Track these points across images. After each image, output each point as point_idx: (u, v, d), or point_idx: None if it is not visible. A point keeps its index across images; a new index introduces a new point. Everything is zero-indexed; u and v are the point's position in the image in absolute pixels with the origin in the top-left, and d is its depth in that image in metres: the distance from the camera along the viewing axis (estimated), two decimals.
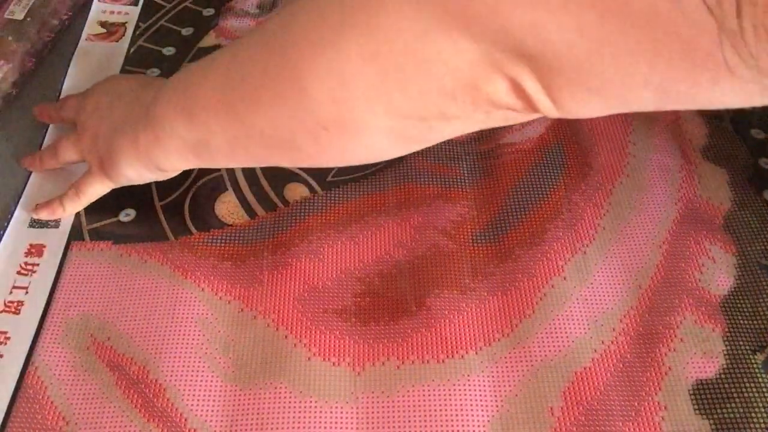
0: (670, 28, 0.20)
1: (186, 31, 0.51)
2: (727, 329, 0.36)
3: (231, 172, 0.43)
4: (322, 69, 0.26)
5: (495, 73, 0.24)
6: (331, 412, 0.33)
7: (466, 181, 0.42)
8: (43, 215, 0.40)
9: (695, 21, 0.19)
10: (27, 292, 0.37)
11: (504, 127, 0.45)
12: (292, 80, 0.27)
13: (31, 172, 0.42)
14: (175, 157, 0.34)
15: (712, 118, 0.46)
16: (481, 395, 0.34)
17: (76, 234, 0.40)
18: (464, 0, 0.22)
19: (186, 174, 0.40)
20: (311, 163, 0.32)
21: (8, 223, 0.40)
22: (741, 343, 0.36)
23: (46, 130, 0.44)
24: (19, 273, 0.38)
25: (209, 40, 0.50)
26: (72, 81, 0.47)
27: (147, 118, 0.34)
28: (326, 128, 0.28)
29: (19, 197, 0.41)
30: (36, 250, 0.39)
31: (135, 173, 0.36)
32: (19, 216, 0.40)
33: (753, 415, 0.33)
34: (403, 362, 0.35)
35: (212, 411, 0.33)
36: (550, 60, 0.22)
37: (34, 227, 0.40)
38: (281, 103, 0.28)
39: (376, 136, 0.28)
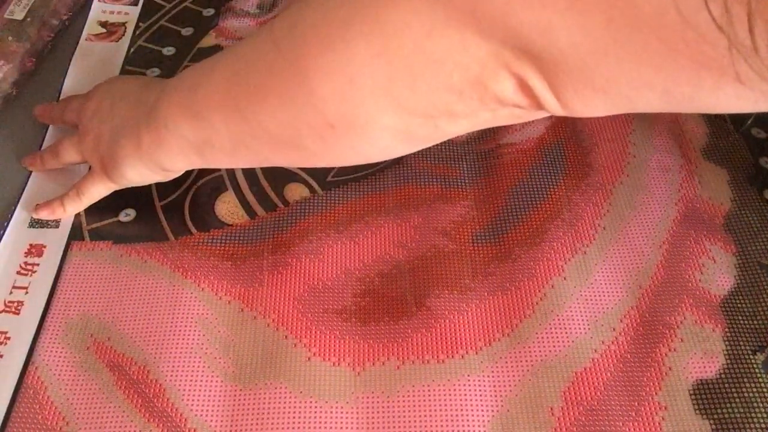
0: (678, 39, 0.20)
1: (186, 31, 0.51)
2: (727, 329, 0.36)
3: (231, 172, 0.43)
4: (329, 65, 0.26)
5: (502, 71, 0.24)
6: (331, 412, 0.33)
7: (466, 181, 0.42)
8: (44, 215, 0.40)
9: (705, 36, 0.19)
10: (27, 292, 0.37)
11: (504, 127, 0.45)
12: (299, 77, 0.27)
13: (31, 172, 0.42)
14: (178, 158, 0.34)
15: (712, 117, 0.46)
16: (481, 395, 0.34)
17: (76, 234, 0.40)
18: None
19: (186, 174, 0.40)
20: (314, 162, 0.32)
21: (8, 223, 0.40)
22: (741, 343, 0.36)
23: (47, 130, 0.44)
24: (19, 273, 0.38)
25: (209, 40, 0.50)
26: (72, 81, 0.47)
27: (149, 119, 0.33)
28: (332, 126, 0.27)
29: (20, 197, 0.41)
30: (36, 250, 0.39)
31: (137, 174, 0.36)
32: (19, 216, 0.40)
33: (753, 415, 0.33)
34: (403, 362, 0.35)
35: (212, 411, 0.33)
36: (557, 59, 0.22)
37: (34, 227, 0.40)
38: (287, 100, 0.28)
39: (382, 133, 0.28)
